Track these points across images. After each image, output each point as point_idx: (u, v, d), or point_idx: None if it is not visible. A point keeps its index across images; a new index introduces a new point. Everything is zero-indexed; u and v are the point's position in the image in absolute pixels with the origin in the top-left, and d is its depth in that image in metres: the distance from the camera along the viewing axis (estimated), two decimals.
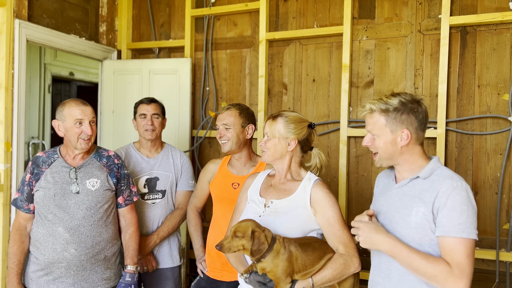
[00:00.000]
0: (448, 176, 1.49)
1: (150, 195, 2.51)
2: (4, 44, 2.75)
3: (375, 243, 1.50)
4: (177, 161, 2.59)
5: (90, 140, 2.08)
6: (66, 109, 2.05)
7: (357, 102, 2.99)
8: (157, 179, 2.53)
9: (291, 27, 3.18)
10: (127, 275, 2.16)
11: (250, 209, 1.83)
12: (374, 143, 1.58)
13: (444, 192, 1.45)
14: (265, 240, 1.57)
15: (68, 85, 6.59)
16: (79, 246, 2.01)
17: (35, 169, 2.08)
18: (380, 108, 1.54)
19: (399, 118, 1.52)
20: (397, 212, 1.54)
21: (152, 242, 2.45)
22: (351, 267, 1.65)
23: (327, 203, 1.71)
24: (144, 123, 2.50)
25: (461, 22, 2.68)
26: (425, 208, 1.47)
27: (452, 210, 1.43)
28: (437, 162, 1.56)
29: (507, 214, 2.64)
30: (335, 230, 1.68)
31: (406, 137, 1.52)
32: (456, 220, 1.42)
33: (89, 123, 2.04)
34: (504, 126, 2.64)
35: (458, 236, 1.41)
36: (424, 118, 1.56)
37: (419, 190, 1.52)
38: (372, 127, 1.58)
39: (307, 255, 1.61)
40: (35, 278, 2.03)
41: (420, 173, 1.53)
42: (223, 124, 2.22)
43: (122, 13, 3.70)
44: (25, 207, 2.08)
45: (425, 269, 1.42)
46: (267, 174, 1.93)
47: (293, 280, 1.60)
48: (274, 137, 1.78)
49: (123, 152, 2.56)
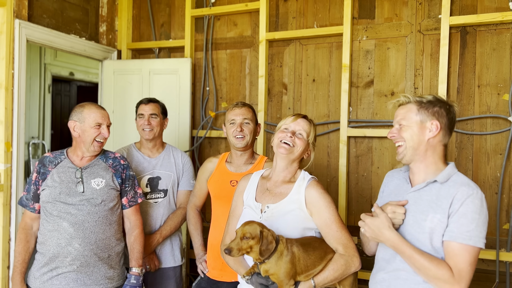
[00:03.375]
0: (465, 183, 1.50)
1: (152, 195, 2.52)
2: (4, 44, 2.75)
3: (381, 239, 1.52)
4: (178, 161, 2.60)
5: (103, 144, 2.15)
6: (86, 111, 2.11)
7: (357, 102, 2.99)
8: (159, 178, 2.54)
9: (291, 27, 3.18)
10: (132, 277, 2.17)
11: (247, 214, 1.80)
12: (400, 133, 1.58)
13: (459, 199, 1.45)
14: (273, 239, 1.57)
15: (68, 85, 6.59)
16: (83, 241, 2.03)
17: (42, 169, 2.12)
18: (414, 100, 1.58)
19: (431, 110, 1.54)
20: (412, 216, 1.54)
21: (155, 241, 2.46)
22: (351, 267, 1.65)
23: (322, 204, 1.69)
24: (142, 123, 2.52)
25: (461, 22, 2.68)
26: (441, 214, 1.47)
27: (463, 217, 1.43)
28: (454, 168, 1.56)
29: (507, 214, 2.64)
30: (333, 232, 1.67)
31: (435, 128, 1.53)
32: (465, 227, 1.43)
33: (106, 127, 2.12)
34: (504, 126, 2.64)
35: (464, 242, 1.42)
36: (453, 120, 1.57)
37: (436, 196, 1.51)
38: (402, 117, 1.58)
39: (308, 255, 1.61)
40: (39, 276, 2.05)
41: (437, 177, 1.53)
42: (244, 119, 2.22)
43: (122, 13, 3.70)
44: (30, 206, 2.12)
45: (428, 270, 1.43)
46: (261, 175, 1.90)
47: (296, 282, 1.60)
48: (306, 138, 1.80)
49: (125, 152, 2.57)
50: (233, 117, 2.22)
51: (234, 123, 2.21)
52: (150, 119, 2.52)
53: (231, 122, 2.23)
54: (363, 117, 2.95)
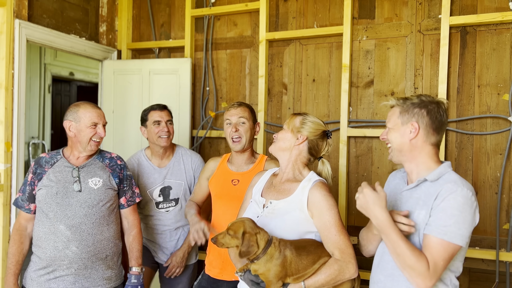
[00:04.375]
0: (452, 181, 1.50)
1: (164, 204, 2.56)
2: (4, 44, 2.75)
3: (369, 213, 1.51)
4: (188, 167, 2.60)
5: (100, 143, 2.14)
6: (81, 111, 2.09)
7: (357, 102, 2.99)
8: (170, 188, 2.56)
9: (291, 27, 3.18)
10: (133, 276, 2.16)
11: (250, 208, 1.83)
12: (388, 135, 1.63)
13: (442, 195, 1.46)
14: (255, 243, 1.55)
15: (68, 85, 6.59)
16: (81, 244, 2.01)
17: (38, 169, 2.10)
18: (398, 103, 1.61)
19: (411, 112, 1.56)
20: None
21: (185, 252, 2.55)
22: (346, 273, 1.61)
23: (324, 206, 1.67)
24: (159, 130, 2.49)
25: (461, 22, 2.68)
26: (426, 211, 1.49)
27: (442, 212, 1.45)
28: (447, 167, 1.56)
29: (507, 214, 2.64)
30: (331, 235, 1.64)
31: (414, 130, 1.55)
32: (442, 222, 1.44)
33: (102, 126, 2.11)
34: (504, 126, 2.64)
35: (439, 237, 1.43)
36: (440, 120, 1.56)
37: (425, 194, 1.52)
38: (388, 120, 1.64)
39: (301, 259, 1.58)
40: (36, 278, 2.03)
41: (428, 175, 1.54)
42: (240, 118, 2.22)
43: (122, 13, 3.70)
44: (26, 207, 2.10)
45: (407, 258, 1.44)
46: (272, 173, 1.93)
47: (285, 284, 1.58)
48: (288, 129, 1.81)
49: (135, 162, 2.59)
50: (228, 117, 2.24)
51: (230, 124, 2.23)
52: (168, 125, 2.52)
53: (227, 122, 2.24)
54: (363, 117, 2.95)
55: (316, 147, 1.81)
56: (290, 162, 1.81)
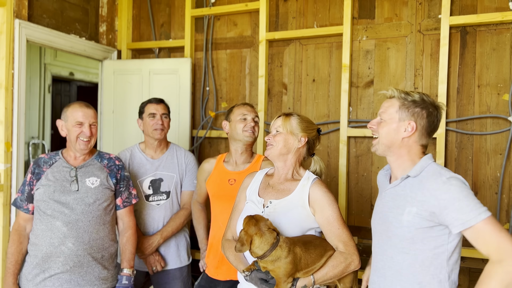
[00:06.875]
0: (435, 172, 1.48)
1: (154, 197, 2.52)
2: (4, 44, 2.75)
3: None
4: (181, 161, 2.60)
5: (90, 142, 2.13)
6: (69, 110, 2.13)
7: (357, 102, 2.99)
8: (161, 180, 2.54)
9: (291, 27, 3.18)
10: (124, 278, 2.17)
11: (249, 209, 1.83)
12: (379, 127, 1.59)
13: (436, 189, 1.43)
14: (248, 243, 1.58)
15: (68, 85, 6.59)
16: (77, 241, 2.02)
17: (36, 169, 2.12)
18: (400, 95, 1.57)
19: (412, 110, 1.53)
20: (390, 212, 1.56)
21: (156, 242, 2.45)
22: (351, 264, 1.67)
23: (326, 202, 1.72)
24: (154, 122, 2.50)
25: (461, 22, 2.68)
26: (418, 207, 1.47)
27: (453, 204, 1.39)
28: (428, 159, 1.55)
29: (507, 214, 2.64)
30: (334, 229, 1.70)
31: (410, 129, 1.53)
32: (464, 209, 1.38)
33: (89, 126, 2.11)
34: (504, 126, 2.64)
35: (479, 220, 1.36)
36: (435, 125, 1.56)
37: (410, 189, 1.52)
38: (384, 110, 1.59)
39: (309, 253, 1.62)
40: (31, 278, 2.04)
41: (410, 172, 1.54)
42: (256, 116, 2.28)
43: (122, 13, 3.70)
44: (24, 207, 2.11)
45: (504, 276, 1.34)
46: (265, 173, 1.93)
47: (295, 278, 1.61)
48: (286, 132, 1.80)
49: (128, 153, 2.57)
50: (245, 112, 2.25)
51: (245, 119, 2.24)
52: (162, 119, 2.52)
53: (243, 117, 2.24)
54: (363, 117, 2.95)
55: (313, 145, 1.87)
56: (290, 164, 1.82)
